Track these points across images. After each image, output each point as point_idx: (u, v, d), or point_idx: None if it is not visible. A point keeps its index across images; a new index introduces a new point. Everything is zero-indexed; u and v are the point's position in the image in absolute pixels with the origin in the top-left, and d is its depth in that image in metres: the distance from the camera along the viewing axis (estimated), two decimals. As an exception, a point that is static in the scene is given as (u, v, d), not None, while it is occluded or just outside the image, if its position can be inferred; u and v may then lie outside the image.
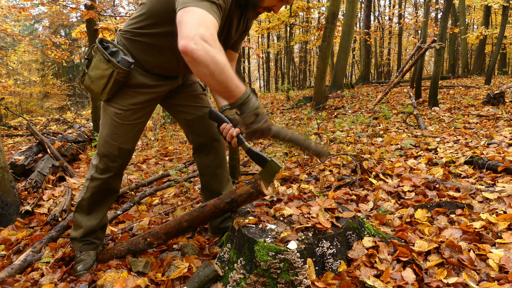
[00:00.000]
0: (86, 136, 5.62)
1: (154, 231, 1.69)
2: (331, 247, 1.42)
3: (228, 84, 1.20)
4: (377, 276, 1.37)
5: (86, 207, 1.74)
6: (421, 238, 1.65)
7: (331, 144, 4.22)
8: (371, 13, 18.63)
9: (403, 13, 22.25)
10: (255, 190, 1.46)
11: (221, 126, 1.47)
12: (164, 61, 1.55)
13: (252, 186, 1.47)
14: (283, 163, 3.32)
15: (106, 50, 1.51)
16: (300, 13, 15.19)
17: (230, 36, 1.57)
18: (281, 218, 1.59)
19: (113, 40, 1.61)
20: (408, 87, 8.97)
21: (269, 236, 1.42)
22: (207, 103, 1.83)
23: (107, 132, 1.62)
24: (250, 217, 1.56)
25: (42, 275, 1.66)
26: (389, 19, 21.71)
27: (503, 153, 2.97)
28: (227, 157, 3.11)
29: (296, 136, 1.40)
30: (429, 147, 3.52)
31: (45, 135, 5.47)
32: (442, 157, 3.08)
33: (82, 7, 5.35)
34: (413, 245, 1.54)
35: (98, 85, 1.53)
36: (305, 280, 1.31)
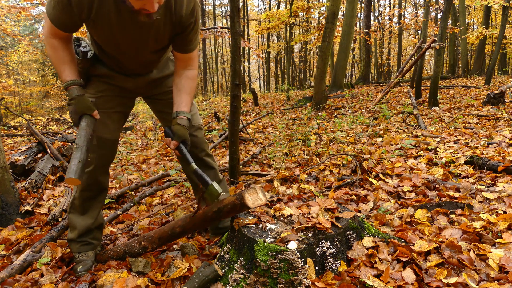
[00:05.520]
0: (86, 136, 5.61)
1: (148, 235, 1.70)
2: (331, 247, 1.42)
3: None
4: (377, 276, 1.37)
5: (78, 206, 1.77)
6: (421, 238, 1.65)
7: (331, 144, 4.22)
8: (371, 13, 18.62)
9: (403, 13, 22.26)
10: (239, 202, 1.42)
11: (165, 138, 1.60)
12: (111, 62, 1.65)
13: (237, 198, 1.43)
14: (283, 163, 3.32)
15: (74, 43, 1.62)
16: (300, 13, 15.19)
17: (163, 42, 1.58)
18: (281, 218, 1.59)
19: None
20: (408, 87, 8.97)
21: (269, 236, 1.42)
22: None
23: None
24: (250, 217, 1.56)
25: (42, 275, 1.66)
26: (389, 19, 21.71)
27: (503, 153, 2.97)
28: (227, 157, 3.11)
29: None
30: (429, 147, 3.52)
31: (45, 135, 5.47)
32: (442, 157, 3.08)
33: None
34: (413, 245, 1.54)
35: None
36: (305, 280, 1.31)
